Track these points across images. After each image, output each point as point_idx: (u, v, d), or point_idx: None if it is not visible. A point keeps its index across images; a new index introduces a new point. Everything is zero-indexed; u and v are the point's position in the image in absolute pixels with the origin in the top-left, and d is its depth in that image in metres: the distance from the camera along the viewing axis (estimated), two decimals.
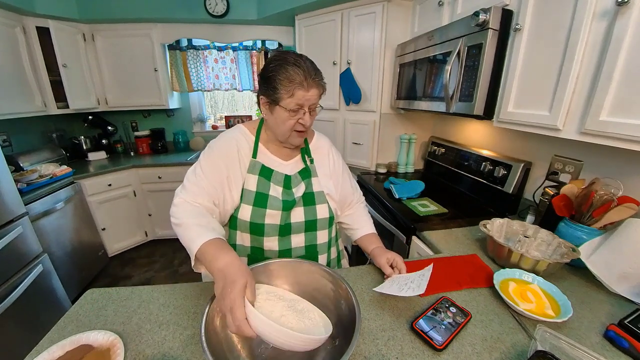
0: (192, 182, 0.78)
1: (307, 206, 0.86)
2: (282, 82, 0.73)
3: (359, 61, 1.98)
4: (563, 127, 0.92)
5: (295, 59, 0.74)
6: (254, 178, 0.83)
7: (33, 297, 1.59)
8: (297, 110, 0.76)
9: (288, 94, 0.74)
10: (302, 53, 0.76)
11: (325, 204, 0.88)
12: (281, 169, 0.87)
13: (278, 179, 0.85)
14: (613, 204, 0.88)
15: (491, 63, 1.12)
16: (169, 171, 2.63)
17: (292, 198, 0.84)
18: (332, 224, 0.92)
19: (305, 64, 0.74)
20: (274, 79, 0.74)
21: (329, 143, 0.99)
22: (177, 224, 0.70)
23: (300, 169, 0.90)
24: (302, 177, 0.88)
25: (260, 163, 0.84)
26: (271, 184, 0.84)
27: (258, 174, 0.83)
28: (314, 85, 0.75)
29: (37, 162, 2.20)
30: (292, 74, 0.72)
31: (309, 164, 0.91)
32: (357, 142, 2.17)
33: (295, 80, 0.72)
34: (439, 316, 0.69)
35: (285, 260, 0.74)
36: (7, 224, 1.49)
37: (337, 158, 0.98)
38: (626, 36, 0.73)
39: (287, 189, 0.85)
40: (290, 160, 0.90)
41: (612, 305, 0.77)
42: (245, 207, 0.82)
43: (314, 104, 0.78)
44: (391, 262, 0.84)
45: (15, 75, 2.00)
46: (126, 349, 0.61)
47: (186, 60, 2.84)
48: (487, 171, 1.48)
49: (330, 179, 0.93)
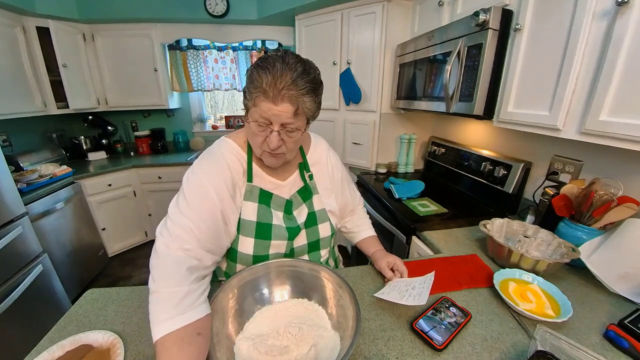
0: (177, 222, 0.60)
1: (310, 227, 0.79)
2: (249, 87, 0.61)
3: (359, 61, 1.98)
4: (563, 127, 0.92)
5: (273, 61, 0.59)
6: (252, 206, 0.71)
7: (33, 297, 1.59)
8: (264, 124, 0.62)
9: (252, 102, 0.62)
10: (303, 58, 0.63)
11: (327, 222, 0.82)
12: (280, 192, 0.76)
13: (279, 204, 0.75)
14: (613, 204, 0.88)
15: (491, 63, 1.12)
16: (169, 171, 2.63)
17: (295, 224, 0.76)
18: (333, 238, 0.87)
19: (280, 70, 0.57)
20: (247, 82, 0.63)
21: (327, 147, 0.89)
22: (151, 289, 0.55)
23: (299, 188, 0.80)
24: (302, 199, 0.79)
25: (258, 188, 0.72)
26: (272, 210, 0.74)
27: (257, 201, 0.72)
28: (285, 99, 0.58)
29: (37, 162, 2.20)
30: (257, 79, 0.58)
31: (308, 181, 0.80)
32: (357, 142, 2.17)
33: (259, 88, 0.58)
34: (439, 316, 0.69)
35: (286, 260, 0.74)
36: (7, 224, 1.49)
37: (335, 164, 0.88)
38: (626, 36, 0.73)
39: (288, 214, 0.76)
40: (287, 179, 0.78)
41: (612, 305, 0.77)
42: (246, 239, 0.71)
43: (289, 123, 0.62)
44: (392, 266, 0.83)
45: (15, 75, 2.00)
46: (126, 349, 0.61)
47: (186, 60, 2.84)
48: (487, 171, 1.48)
49: (332, 192, 0.86)
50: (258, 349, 0.56)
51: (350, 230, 1.00)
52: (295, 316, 0.64)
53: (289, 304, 0.69)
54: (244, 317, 0.65)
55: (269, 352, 0.55)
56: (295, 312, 0.66)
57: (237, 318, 0.64)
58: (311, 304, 0.68)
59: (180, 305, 0.53)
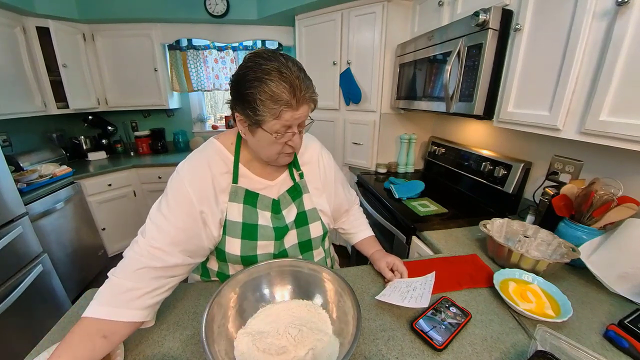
0: (154, 221, 0.62)
1: (300, 227, 0.78)
2: (265, 103, 0.58)
3: (359, 61, 1.98)
4: (563, 127, 0.92)
5: (278, 69, 0.57)
6: (237, 207, 0.72)
7: (33, 297, 1.59)
8: (284, 132, 0.63)
9: (273, 116, 0.60)
10: (287, 55, 0.62)
11: (318, 221, 0.81)
12: (267, 192, 0.76)
13: (265, 204, 0.75)
14: (613, 204, 0.88)
15: (491, 63, 1.12)
16: (169, 171, 2.61)
17: (283, 224, 0.76)
18: (326, 238, 0.87)
19: (292, 75, 0.58)
20: (252, 98, 0.58)
21: (319, 146, 0.87)
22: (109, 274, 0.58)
23: (288, 187, 0.79)
24: (292, 198, 0.79)
25: (243, 189, 0.72)
26: (258, 210, 0.74)
27: (242, 202, 0.72)
28: (303, 102, 0.61)
29: (37, 162, 2.20)
30: (277, 92, 0.57)
31: (298, 179, 0.80)
32: (357, 142, 2.17)
33: (282, 100, 0.58)
34: (439, 316, 0.69)
35: (286, 260, 0.74)
36: (7, 224, 1.49)
37: (327, 163, 0.86)
38: (626, 36, 0.73)
39: (276, 214, 0.76)
40: (276, 179, 0.78)
41: (612, 305, 0.77)
42: (233, 240, 0.71)
43: (304, 121, 0.66)
44: (391, 266, 0.83)
45: (15, 75, 2.00)
46: (126, 349, 0.61)
47: (186, 60, 2.84)
48: (487, 171, 1.48)
49: (323, 192, 0.84)
50: (257, 345, 0.56)
51: (348, 231, 0.99)
52: (297, 317, 0.64)
53: (293, 304, 0.68)
54: (246, 313, 0.66)
55: (266, 350, 0.55)
56: (298, 313, 0.66)
57: (240, 313, 0.65)
58: (314, 307, 0.68)
59: (117, 298, 0.55)
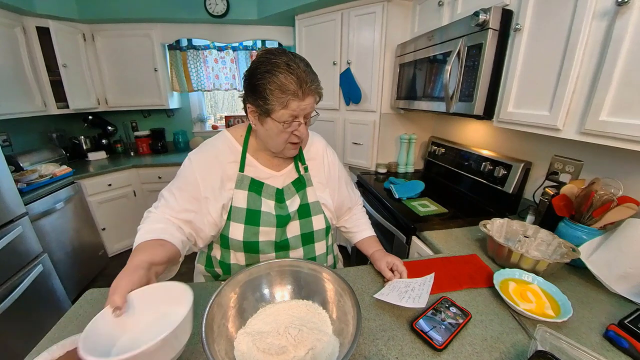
0: (164, 197, 0.74)
1: (303, 219, 0.82)
2: (274, 92, 0.64)
3: (359, 61, 1.98)
4: (563, 127, 0.92)
5: (287, 63, 0.64)
6: (243, 194, 0.77)
7: (33, 297, 1.59)
8: (291, 121, 0.69)
9: (281, 105, 0.66)
10: (295, 52, 0.70)
11: (321, 214, 0.84)
12: (272, 182, 0.81)
13: (269, 193, 0.80)
14: (613, 204, 0.88)
15: (491, 63, 1.12)
16: (169, 171, 2.63)
17: (286, 213, 0.79)
18: (329, 233, 0.89)
19: (299, 69, 0.64)
20: (263, 88, 0.65)
21: (324, 144, 0.92)
22: (138, 229, 0.70)
23: (293, 179, 0.84)
24: (296, 189, 0.83)
25: (248, 177, 0.78)
26: (262, 198, 0.78)
27: (247, 189, 0.77)
28: (309, 93, 0.67)
29: (37, 162, 2.20)
30: (285, 83, 0.63)
31: (302, 172, 0.84)
32: (357, 142, 2.17)
33: (289, 90, 0.64)
34: (439, 316, 0.69)
35: (286, 260, 0.74)
36: (7, 224, 1.49)
37: (332, 160, 0.91)
38: (626, 36, 0.73)
39: (279, 203, 0.80)
40: (282, 170, 0.83)
41: (612, 305, 0.77)
42: (236, 225, 0.76)
43: (310, 112, 0.71)
44: (391, 266, 0.83)
45: (15, 75, 2.00)
46: None
47: (186, 60, 2.84)
48: (487, 171, 1.48)
49: (326, 187, 0.88)
50: (257, 345, 0.56)
51: (350, 230, 1.00)
52: (297, 317, 0.64)
53: (293, 304, 0.68)
54: (246, 313, 0.65)
55: (266, 351, 0.55)
56: (298, 313, 0.66)
57: (240, 313, 0.65)
58: (314, 307, 0.68)
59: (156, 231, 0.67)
